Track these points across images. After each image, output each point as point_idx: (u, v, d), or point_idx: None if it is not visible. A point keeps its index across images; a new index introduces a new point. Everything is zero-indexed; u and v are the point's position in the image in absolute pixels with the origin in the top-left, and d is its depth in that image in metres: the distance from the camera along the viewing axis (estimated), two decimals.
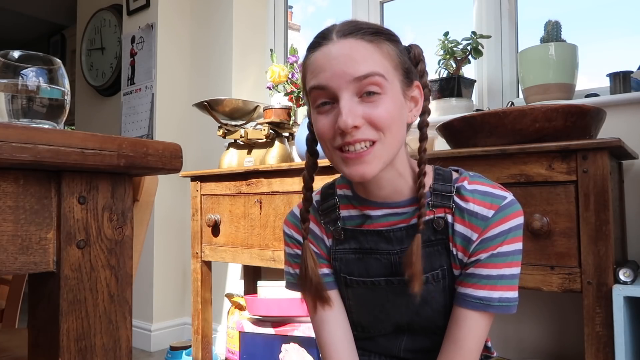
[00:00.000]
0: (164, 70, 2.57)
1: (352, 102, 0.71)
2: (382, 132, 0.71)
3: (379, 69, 0.71)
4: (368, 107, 0.71)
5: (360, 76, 0.70)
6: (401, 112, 0.74)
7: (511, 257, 0.75)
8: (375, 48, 0.72)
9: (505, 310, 0.75)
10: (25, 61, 0.63)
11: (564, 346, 1.54)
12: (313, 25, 3.16)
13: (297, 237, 0.87)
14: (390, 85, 0.72)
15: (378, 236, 0.80)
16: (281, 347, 1.66)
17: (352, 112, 0.70)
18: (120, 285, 0.56)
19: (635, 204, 1.44)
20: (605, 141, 1.07)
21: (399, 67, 0.74)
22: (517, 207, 0.76)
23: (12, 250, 0.49)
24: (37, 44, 4.93)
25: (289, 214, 0.90)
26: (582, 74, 1.60)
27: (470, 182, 0.77)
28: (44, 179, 0.51)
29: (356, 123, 0.70)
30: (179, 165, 0.58)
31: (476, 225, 0.75)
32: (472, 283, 0.75)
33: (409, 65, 0.76)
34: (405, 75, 0.75)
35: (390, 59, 0.73)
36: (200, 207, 1.92)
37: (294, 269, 0.89)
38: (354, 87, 0.71)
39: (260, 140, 1.92)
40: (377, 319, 0.83)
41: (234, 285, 2.42)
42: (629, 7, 1.71)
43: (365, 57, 0.70)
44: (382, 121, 0.71)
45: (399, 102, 0.74)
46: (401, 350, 0.83)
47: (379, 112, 0.71)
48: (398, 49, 0.75)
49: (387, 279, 0.80)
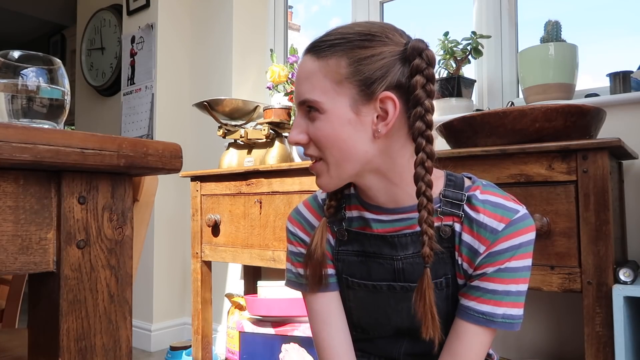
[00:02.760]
0: (164, 70, 2.57)
1: (301, 119, 0.75)
2: (324, 150, 0.73)
3: (312, 95, 0.72)
4: (310, 124, 0.74)
5: (300, 101, 0.75)
6: (347, 130, 0.71)
7: (519, 274, 0.72)
8: (319, 66, 0.72)
9: (508, 327, 0.73)
10: (25, 61, 0.63)
11: (564, 346, 1.54)
12: (316, 25, 3.16)
13: (301, 235, 0.86)
14: (330, 105, 0.71)
15: (382, 241, 0.79)
16: (281, 347, 1.66)
17: (297, 128, 0.75)
18: (120, 285, 0.56)
19: (635, 204, 1.44)
20: (605, 141, 1.07)
21: (348, 82, 0.70)
22: (529, 222, 0.73)
23: (12, 250, 0.49)
24: (37, 44, 4.93)
25: (293, 211, 0.90)
26: (582, 74, 1.60)
27: (482, 192, 0.75)
28: (44, 179, 0.51)
29: (297, 139, 0.75)
30: (179, 165, 0.58)
31: (484, 238, 0.72)
32: (476, 296, 0.73)
33: (370, 75, 0.70)
34: (362, 88, 0.70)
35: (334, 75, 0.71)
36: (200, 207, 1.92)
37: (295, 267, 0.88)
38: (302, 106, 0.75)
39: (260, 140, 1.92)
40: (378, 322, 0.82)
41: (234, 285, 2.42)
42: (629, 7, 1.71)
43: (309, 78, 0.73)
44: (319, 140, 0.73)
45: (343, 120, 0.71)
46: (401, 354, 0.82)
47: (315, 132, 0.73)
48: (355, 59, 0.70)
49: (389, 284, 0.79)
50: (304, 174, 1.60)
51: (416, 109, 0.70)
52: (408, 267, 0.77)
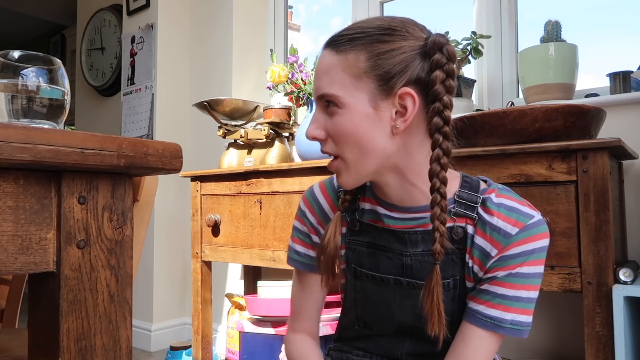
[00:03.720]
0: (164, 70, 2.57)
1: (320, 114, 0.75)
2: (341, 147, 0.72)
3: (330, 89, 0.71)
4: (329, 119, 0.73)
5: (318, 95, 0.74)
6: (366, 125, 0.70)
7: (530, 280, 0.71)
8: (339, 60, 0.71)
9: (516, 333, 0.72)
10: (25, 61, 0.63)
11: (564, 346, 1.54)
12: (317, 25, 3.16)
13: (309, 216, 0.87)
14: (349, 99, 0.70)
15: (393, 236, 0.78)
16: (281, 347, 1.66)
17: (314, 123, 0.74)
18: (120, 285, 0.56)
19: (635, 204, 1.44)
20: (605, 141, 1.07)
21: (367, 76, 0.70)
22: (543, 229, 0.72)
23: (12, 250, 0.49)
24: (37, 44, 4.93)
25: (309, 190, 0.90)
26: (582, 74, 1.60)
27: (497, 195, 0.74)
28: (44, 179, 0.51)
29: (315, 134, 0.74)
30: (179, 165, 0.58)
31: (497, 241, 0.72)
32: (485, 300, 0.72)
33: (389, 70, 0.69)
34: (381, 83, 0.69)
35: (353, 69, 0.70)
36: (200, 207, 1.92)
37: (295, 243, 0.89)
38: (320, 101, 0.74)
39: (260, 140, 1.92)
40: (381, 317, 0.82)
41: (234, 285, 2.42)
42: (629, 7, 1.71)
43: (328, 73, 0.72)
44: (337, 136, 0.72)
45: (362, 115, 0.70)
46: (403, 354, 0.82)
47: (334, 127, 0.72)
48: (375, 53, 0.69)
49: (397, 278, 0.78)
50: (304, 174, 1.60)
51: (435, 105, 0.69)
52: (416, 264, 0.77)
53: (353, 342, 0.86)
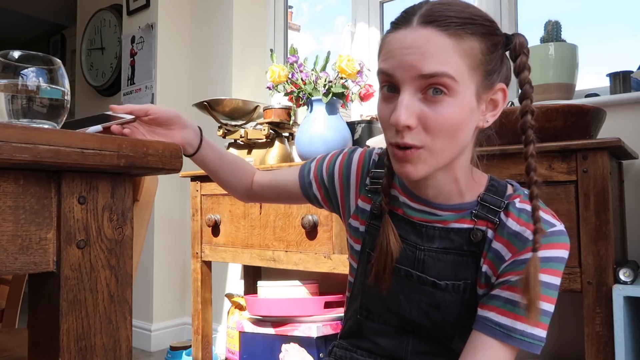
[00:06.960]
0: (164, 70, 2.57)
1: (412, 99, 0.66)
2: (434, 138, 0.66)
3: (450, 70, 0.64)
4: (428, 107, 0.65)
5: (427, 74, 0.64)
6: (468, 117, 0.67)
7: (545, 290, 0.68)
8: (454, 44, 0.64)
9: (528, 347, 0.68)
10: (25, 61, 0.63)
11: (564, 346, 1.54)
12: (320, 24, 3.16)
13: (335, 174, 0.87)
14: (462, 88, 0.65)
15: (411, 227, 0.77)
16: (281, 347, 1.66)
17: (408, 109, 0.65)
18: (120, 285, 0.56)
19: (635, 204, 1.44)
20: (605, 141, 1.07)
21: (480, 68, 0.67)
22: (564, 239, 0.70)
23: (12, 250, 0.49)
24: (37, 44, 4.93)
25: (350, 152, 0.88)
26: (582, 74, 1.60)
27: (521, 201, 0.73)
28: (44, 179, 0.51)
29: (409, 123, 0.65)
30: (179, 165, 0.58)
31: (513, 245, 0.70)
32: (496, 307, 0.70)
33: (494, 66, 0.68)
34: (486, 77, 0.68)
35: (470, 58, 0.65)
36: (200, 207, 1.92)
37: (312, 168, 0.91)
38: (418, 83, 0.65)
39: (260, 140, 1.92)
40: (386, 309, 0.80)
41: (234, 285, 2.42)
42: (629, 7, 1.71)
43: (438, 54, 0.64)
44: (438, 126, 0.65)
45: (468, 107, 0.67)
46: (408, 353, 0.81)
47: (437, 116, 0.65)
48: (486, 45, 0.67)
49: (408, 270, 0.77)
50: None
51: (525, 102, 0.71)
52: (429, 260, 0.76)
53: (356, 342, 0.85)
